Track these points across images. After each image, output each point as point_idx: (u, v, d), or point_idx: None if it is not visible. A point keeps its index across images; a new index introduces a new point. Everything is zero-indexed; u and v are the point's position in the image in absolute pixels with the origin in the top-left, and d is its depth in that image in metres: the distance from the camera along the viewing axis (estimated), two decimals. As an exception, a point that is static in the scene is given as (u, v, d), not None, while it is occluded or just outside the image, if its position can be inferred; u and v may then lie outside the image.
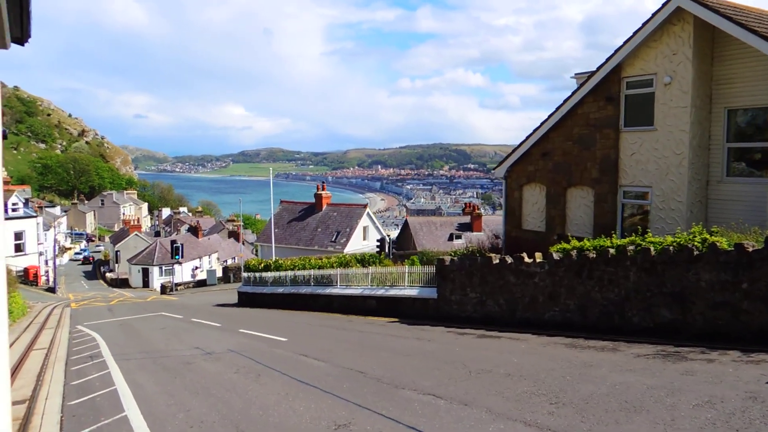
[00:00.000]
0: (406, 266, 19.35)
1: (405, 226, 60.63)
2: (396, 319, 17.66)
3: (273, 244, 44.00)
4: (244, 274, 31.48)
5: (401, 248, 51.71)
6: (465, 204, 73.44)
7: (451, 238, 56.80)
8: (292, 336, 15.65)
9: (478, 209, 67.60)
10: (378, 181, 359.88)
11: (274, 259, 31.63)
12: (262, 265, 30.03)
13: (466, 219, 60.89)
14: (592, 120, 17.40)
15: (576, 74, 20.21)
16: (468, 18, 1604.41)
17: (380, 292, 19.61)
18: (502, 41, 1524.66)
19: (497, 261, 14.96)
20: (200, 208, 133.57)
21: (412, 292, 18.15)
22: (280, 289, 26.59)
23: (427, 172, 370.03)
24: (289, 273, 26.22)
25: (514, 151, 20.36)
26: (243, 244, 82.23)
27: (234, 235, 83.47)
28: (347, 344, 13.37)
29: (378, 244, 38.55)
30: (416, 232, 57.30)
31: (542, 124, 19.01)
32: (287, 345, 14.12)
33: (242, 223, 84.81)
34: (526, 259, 14.14)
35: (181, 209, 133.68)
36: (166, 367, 12.70)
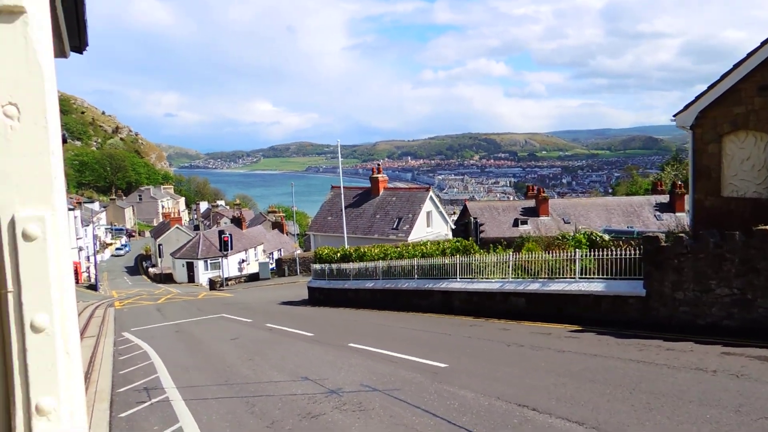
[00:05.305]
0: (573, 250, 13.85)
1: (464, 212, 55.45)
2: (576, 327, 12.20)
3: (345, 234, 38.95)
4: (316, 266, 26.30)
5: (457, 236, 46.57)
6: (528, 187, 67.02)
7: (516, 224, 51.57)
8: (446, 358, 10.31)
9: (544, 192, 61.45)
10: (409, 172, 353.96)
11: (350, 248, 26.44)
12: (339, 254, 24.82)
13: (530, 203, 55.12)
14: None
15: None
16: (486, 8, 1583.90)
17: (533, 286, 14.16)
18: (522, 30, 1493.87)
19: (782, 236, 9.40)
20: (238, 201, 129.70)
21: (594, 286, 12.67)
22: (369, 284, 21.30)
23: (457, 162, 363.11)
24: (381, 264, 20.89)
25: (708, 89, 14.60)
26: (287, 234, 77.76)
27: (278, 226, 78.90)
28: (583, 382, 7.88)
29: (461, 228, 33.29)
30: (477, 217, 51.97)
31: (763, 44, 13.26)
32: (457, 377, 8.81)
33: (294, 213, 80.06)
34: None
35: (219, 202, 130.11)
36: (275, 423, 7.50)
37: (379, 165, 52.95)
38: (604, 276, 12.77)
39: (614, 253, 12.62)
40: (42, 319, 1.17)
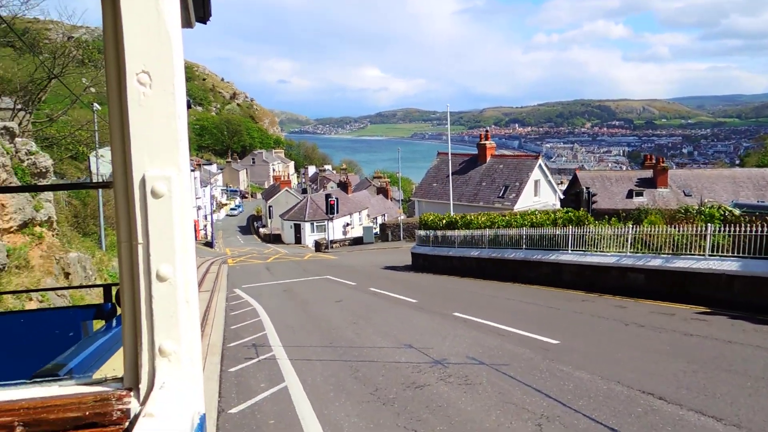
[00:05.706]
0: (704, 224, 12.58)
1: (573, 181, 52.92)
2: (703, 308, 11.14)
3: (451, 201, 38.48)
4: (420, 232, 26.19)
5: (566, 206, 44.51)
6: (645, 156, 62.53)
7: (630, 195, 48.69)
8: (557, 334, 9.76)
9: (663, 162, 57.05)
10: (516, 140, 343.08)
11: (456, 215, 25.98)
12: (444, 221, 24.49)
13: (647, 173, 51.49)
14: None
15: None
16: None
17: (655, 262, 13.10)
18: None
19: None
20: (344, 166, 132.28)
21: (727, 265, 11.48)
22: (474, 252, 20.85)
23: (567, 130, 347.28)
24: (488, 232, 20.34)
25: None
26: (392, 200, 78.37)
27: (382, 191, 79.70)
28: (717, 371, 7.04)
29: (570, 198, 31.87)
30: (589, 187, 49.34)
31: None
32: (571, 356, 8.26)
33: (399, 179, 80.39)
34: None
35: (326, 167, 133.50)
36: (379, 390, 7.40)
37: (487, 131, 51.38)
38: (740, 254, 11.51)
39: (752, 229, 11.30)
40: (166, 270, 1.26)
